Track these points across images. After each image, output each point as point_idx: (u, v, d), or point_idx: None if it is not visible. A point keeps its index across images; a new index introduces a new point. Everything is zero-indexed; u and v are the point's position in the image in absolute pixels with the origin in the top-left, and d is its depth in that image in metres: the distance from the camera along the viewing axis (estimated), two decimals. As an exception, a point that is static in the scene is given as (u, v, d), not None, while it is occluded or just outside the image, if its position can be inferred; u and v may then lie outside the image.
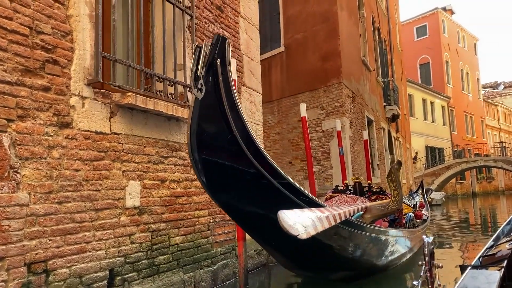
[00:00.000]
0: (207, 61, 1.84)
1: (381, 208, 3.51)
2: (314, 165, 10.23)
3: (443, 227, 11.66)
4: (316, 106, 10.20)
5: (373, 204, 3.59)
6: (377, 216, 3.52)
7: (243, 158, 2.13)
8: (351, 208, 2.98)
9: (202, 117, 1.94)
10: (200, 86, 1.81)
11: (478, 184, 33.19)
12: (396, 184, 3.52)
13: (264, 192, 2.35)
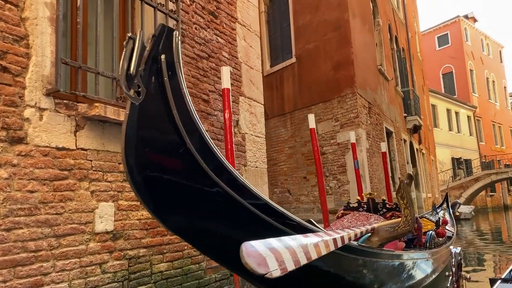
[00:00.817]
0: (147, 56, 1.47)
1: (390, 230, 3.04)
2: (330, 180, 9.76)
3: (473, 242, 11.03)
4: (330, 118, 9.75)
5: (381, 225, 3.11)
6: (386, 239, 3.04)
7: (201, 176, 1.73)
8: (353, 231, 2.54)
9: (144, 127, 1.56)
10: (137, 88, 1.44)
11: (510, 197, 31.58)
12: (407, 202, 3.05)
13: (232, 216, 1.94)
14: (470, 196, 24.84)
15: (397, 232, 3.01)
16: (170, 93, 1.58)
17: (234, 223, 1.99)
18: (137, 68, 1.43)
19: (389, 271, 3.39)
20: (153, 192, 1.70)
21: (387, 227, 3.07)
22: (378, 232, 3.06)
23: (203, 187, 1.78)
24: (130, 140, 1.55)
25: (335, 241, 2.24)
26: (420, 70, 20.67)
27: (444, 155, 26.65)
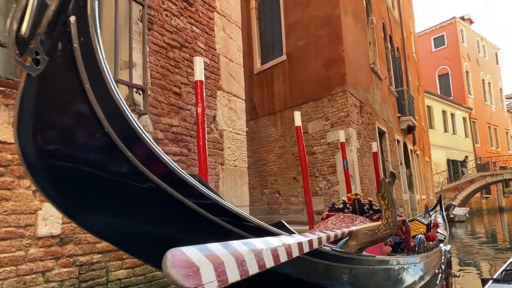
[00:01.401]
0: (52, 17, 1.15)
1: (369, 233, 2.75)
2: (319, 181, 9.48)
3: (467, 244, 10.87)
4: (321, 117, 9.48)
5: (360, 228, 2.83)
6: (364, 243, 2.76)
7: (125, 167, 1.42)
8: (325, 234, 2.25)
9: (45, 104, 1.24)
10: (34, 55, 1.13)
11: (505, 199, 31.41)
12: (389, 202, 2.77)
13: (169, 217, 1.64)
14: (465, 198, 24.64)
15: (377, 236, 2.73)
16: (82, 63, 1.27)
17: (171, 224, 1.69)
18: (33, 29, 1.13)
19: (370, 278, 3.11)
20: (60, 187, 1.40)
21: (366, 230, 2.78)
22: (357, 236, 2.78)
23: (129, 180, 1.48)
24: (25, 120, 1.24)
25: (301, 246, 1.95)
26: (415, 71, 20.46)
27: (439, 157, 26.44)
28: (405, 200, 13.34)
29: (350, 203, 5.20)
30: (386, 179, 2.88)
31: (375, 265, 3.12)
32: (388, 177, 2.94)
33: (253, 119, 11.28)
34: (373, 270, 3.07)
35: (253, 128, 11.26)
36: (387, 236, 2.71)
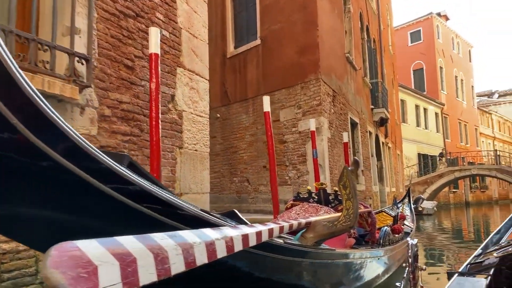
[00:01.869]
0: None
1: (328, 225, 2.54)
2: (289, 170, 9.29)
3: (434, 237, 11.01)
4: (293, 105, 9.25)
5: (319, 220, 2.61)
6: (322, 236, 2.54)
7: (18, 144, 1.11)
8: (277, 226, 2.01)
9: None
10: None
11: (472, 194, 32.33)
12: (350, 192, 2.55)
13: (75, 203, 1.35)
14: (434, 192, 25.15)
15: (336, 228, 2.51)
16: None
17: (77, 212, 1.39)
18: None
19: (329, 272, 2.91)
20: None
21: (325, 222, 2.56)
22: (314, 227, 2.55)
23: (18, 155, 1.18)
24: None
25: (246, 239, 1.69)
26: (391, 64, 20.52)
27: (410, 151, 26.83)
28: (374, 192, 13.37)
29: (316, 193, 5.01)
30: (348, 167, 2.66)
31: (334, 258, 2.91)
32: (351, 165, 2.73)
33: (224, 105, 10.97)
34: (332, 264, 2.87)
35: (225, 114, 10.95)
36: (346, 228, 2.50)
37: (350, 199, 2.54)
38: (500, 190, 37.09)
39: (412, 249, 1.33)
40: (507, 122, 43.32)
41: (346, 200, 2.56)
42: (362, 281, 3.93)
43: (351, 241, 4.01)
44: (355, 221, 2.49)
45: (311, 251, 2.49)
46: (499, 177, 23.94)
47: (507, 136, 42.75)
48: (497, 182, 36.03)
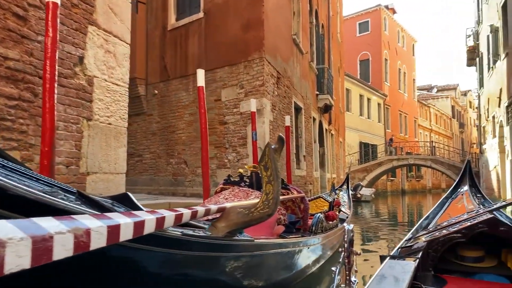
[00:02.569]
0: None
1: (244, 213, 2.14)
2: (229, 152, 8.88)
3: (371, 223, 11.22)
4: (235, 84, 8.80)
5: (234, 206, 2.21)
6: (237, 225, 2.14)
7: None
8: (172, 214, 1.57)
9: None
10: None
11: (408, 182, 33.90)
12: (271, 174, 2.16)
13: None
14: (373, 179, 25.97)
15: (252, 216, 2.12)
16: None
17: None
18: None
19: (247, 266, 2.53)
20: None
21: (241, 209, 2.16)
22: (228, 215, 2.14)
23: None
24: None
25: (116, 230, 1.24)
26: (338, 52, 20.59)
27: (353, 139, 27.45)
28: (315, 177, 13.35)
29: (248, 176, 4.63)
30: (272, 145, 2.27)
31: (254, 250, 2.53)
32: (275, 142, 2.34)
33: (163, 81, 10.29)
34: (249, 256, 2.49)
35: (163, 91, 10.28)
36: (264, 216, 2.11)
37: (271, 182, 2.16)
38: (433, 179, 39.28)
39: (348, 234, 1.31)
40: (443, 115, 45.78)
41: (266, 184, 2.17)
42: (291, 271, 3.63)
43: (280, 229, 3.68)
44: (274, 208, 2.11)
45: (220, 244, 2.08)
46: (434, 167, 25.16)
47: (442, 129, 45.23)
48: (431, 172, 38.09)
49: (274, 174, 2.16)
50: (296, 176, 10.88)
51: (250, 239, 2.45)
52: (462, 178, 4.98)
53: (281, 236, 3.57)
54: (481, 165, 19.31)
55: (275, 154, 2.24)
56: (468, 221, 2.39)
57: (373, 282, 1.82)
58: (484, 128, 18.02)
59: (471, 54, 19.45)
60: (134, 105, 10.83)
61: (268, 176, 2.17)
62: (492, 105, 15.41)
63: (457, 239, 2.33)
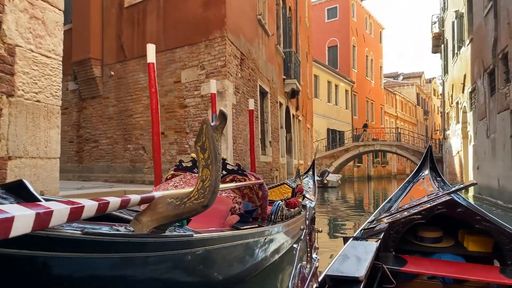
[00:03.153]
0: None
1: (174, 204, 1.75)
2: (190, 138, 8.44)
3: (337, 208, 11.28)
4: (196, 65, 8.31)
5: (164, 196, 1.82)
6: (166, 219, 1.76)
7: None
8: (66, 207, 1.17)
9: None
10: None
11: (374, 168, 34.45)
12: (209, 157, 1.79)
13: None
14: (340, 165, 26.12)
15: (185, 208, 1.73)
16: None
17: None
18: None
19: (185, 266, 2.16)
20: None
21: (171, 199, 1.78)
22: (155, 207, 1.76)
23: None
24: None
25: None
26: (306, 37, 20.29)
27: (320, 125, 27.45)
28: (282, 163, 13.10)
29: (200, 161, 4.25)
30: (212, 122, 1.90)
31: (192, 247, 2.15)
32: (218, 119, 1.96)
33: (120, 62, 9.65)
34: (188, 255, 2.11)
35: (120, 72, 9.65)
36: (198, 208, 1.73)
37: (208, 166, 1.78)
38: (398, 165, 40.14)
39: (310, 212, 1.29)
40: (408, 103, 46.68)
41: (203, 168, 1.79)
42: (244, 266, 3.29)
43: (234, 219, 3.32)
44: (211, 198, 1.74)
45: (144, 242, 1.69)
46: (399, 153, 25.53)
47: (407, 116, 46.16)
48: (396, 158, 38.87)
49: (213, 156, 1.78)
50: (262, 162, 10.57)
51: (188, 234, 2.08)
52: (423, 163, 5.13)
53: (235, 227, 3.22)
54: (444, 150, 19.67)
55: (215, 133, 1.86)
56: (427, 203, 2.46)
57: (336, 262, 1.85)
58: (448, 114, 18.30)
59: (436, 41, 19.62)
60: (89, 88, 10.16)
61: (206, 159, 1.79)
62: (456, 91, 15.59)
63: (417, 220, 2.38)
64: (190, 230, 2.30)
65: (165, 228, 1.83)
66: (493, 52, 9.93)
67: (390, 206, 3.81)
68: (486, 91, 11.00)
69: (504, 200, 9.45)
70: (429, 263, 2.28)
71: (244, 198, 4.05)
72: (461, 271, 2.13)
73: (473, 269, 2.16)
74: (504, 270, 2.12)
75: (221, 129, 1.88)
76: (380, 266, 2.11)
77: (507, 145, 9.15)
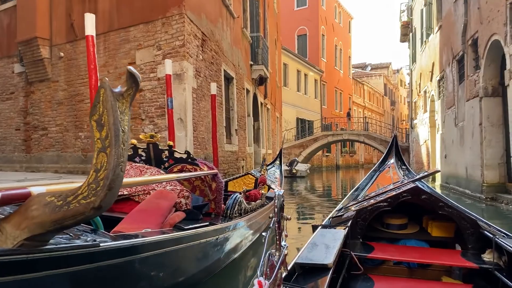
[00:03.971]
0: None
1: (56, 205, 1.19)
2: (145, 124, 7.76)
3: (306, 198, 11.10)
4: (152, 45, 7.61)
5: (42, 193, 1.26)
6: (42, 226, 1.20)
7: None
8: None
9: None
10: None
11: (342, 158, 34.59)
12: (108, 136, 1.22)
13: None
14: (309, 155, 25.92)
15: (67, 211, 1.17)
16: None
17: None
18: None
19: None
20: None
21: (53, 197, 1.21)
22: (27, 210, 1.19)
23: None
24: None
25: None
26: (274, 23, 19.74)
27: (290, 115, 27.12)
28: (249, 153, 12.59)
29: (144, 149, 3.66)
30: (109, 84, 1.33)
31: (98, 260, 1.59)
32: (124, 82, 1.40)
33: (70, 42, 8.80)
34: (89, 271, 1.55)
35: (70, 53, 8.81)
36: (86, 211, 1.16)
37: (106, 149, 1.22)
38: (366, 155, 40.58)
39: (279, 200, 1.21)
40: (376, 93, 47.15)
41: (99, 152, 1.23)
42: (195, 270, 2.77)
43: (177, 217, 2.76)
44: (107, 196, 1.17)
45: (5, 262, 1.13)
46: (367, 142, 25.58)
47: (375, 106, 46.63)
48: (364, 148, 39.25)
49: (112, 135, 1.21)
50: (227, 151, 10.02)
51: (90, 245, 1.51)
52: (389, 152, 5.31)
53: (178, 226, 2.67)
54: (411, 140, 19.73)
55: (121, 101, 1.29)
56: (393, 191, 2.49)
57: (305, 250, 1.87)
58: (415, 104, 18.28)
59: (404, 29, 19.52)
60: (36, 70, 9.25)
61: (103, 140, 1.22)
62: (424, 80, 15.50)
63: (383, 208, 2.42)
64: (104, 236, 1.74)
65: (46, 239, 1.26)
66: (463, 39, 9.71)
67: (357, 194, 3.91)
68: (454, 78, 10.84)
69: (472, 189, 9.33)
70: (395, 249, 2.34)
71: (194, 191, 3.49)
72: (425, 256, 2.20)
73: (436, 254, 2.24)
74: (465, 254, 2.19)
75: (128, 97, 1.32)
76: (348, 253, 2.15)
77: (476, 134, 8.99)
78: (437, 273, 2.40)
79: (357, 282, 2.07)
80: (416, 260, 2.22)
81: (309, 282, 1.60)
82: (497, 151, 8.41)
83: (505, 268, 1.97)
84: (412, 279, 2.34)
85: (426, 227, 2.60)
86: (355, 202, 3.16)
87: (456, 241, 2.46)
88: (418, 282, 2.24)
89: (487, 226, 2.29)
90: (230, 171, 10.21)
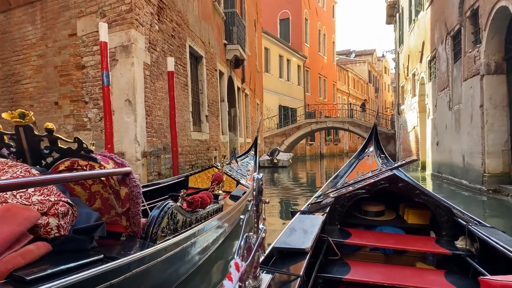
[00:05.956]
0: None
1: None
2: (89, 108, 6.43)
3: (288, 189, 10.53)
4: (95, 11, 6.26)
5: None
6: None
7: None
8: None
9: None
10: None
11: (326, 146, 33.58)
12: None
13: None
14: (292, 143, 24.80)
15: None
16: None
17: None
18: None
19: None
20: None
21: None
22: None
23: None
24: None
25: None
26: (254, 3, 18.39)
27: (272, 102, 25.90)
28: (222, 142, 11.33)
29: (12, 135, 2.39)
30: None
31: None
32: None
33: (3, 12, 7.36)
34: None
35: (4, 25, 7.37)
36: None
37: None
38: (350, 143, 39.69)
39: (258, 183, 1.18)
40: (360, 80, 46.20)
41: None
42: None
43: (20, 257, 1.53)
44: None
45: None
46: (351, 130, 24.56)
47: (359, 93, 45.69)
48: (348, 136, 38.34)
49: None
50: (195, 140, 8.77)
51: None
52: (369, 141, 5.42)
53: (15, 277, 1.44)
54: (398, 127, 18.73)
55: None
56: (371, 179, 2.53)
57: (283, 235, 1.90)
58: (402, 88, 17.23)
59: (391, 10, 18.41)
60: (-34, 46, 7.78)
61: None
62: (413, 61, 14.42)
63: (361, 195, 2.43)
64: None
65: None
66: (460, 10, 8.58)
67: (336, 181, 3.93)
68: (449, 57, 9.74)
69: (470, 179, 8.29)
70: (371, 235, 2.35)
71: (92, 201, 2.25)
72: (401, 243, 2.22)
73: (411, 240, 2.25)
74: (439, 241, 2.22)
75: None
76: (325, 239, 2.16)
77: (476, 117, 7.92)
78: (412, 259, 2.44)
79: (334, 267, 2.04)
80: (392, 246, 2.23)
81: (286, 266, 1.59)
82: (500, 136, 7.37)
83: (476, 254, 1.98)
84: (387, 265, 2.30)
85: (402, 215, 2.63)
86: (334, 189, 3.16)
87: (431, 228, 2.47)
88: (393, 267, 2.16)
89: (461, 214, 2.29)
90: (199, 162, 8.96)
